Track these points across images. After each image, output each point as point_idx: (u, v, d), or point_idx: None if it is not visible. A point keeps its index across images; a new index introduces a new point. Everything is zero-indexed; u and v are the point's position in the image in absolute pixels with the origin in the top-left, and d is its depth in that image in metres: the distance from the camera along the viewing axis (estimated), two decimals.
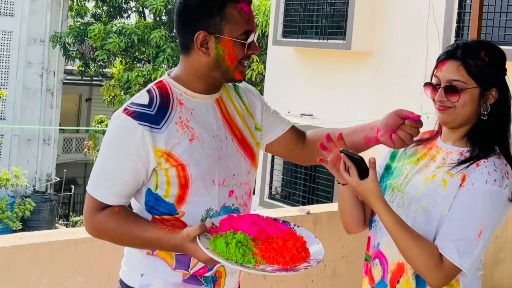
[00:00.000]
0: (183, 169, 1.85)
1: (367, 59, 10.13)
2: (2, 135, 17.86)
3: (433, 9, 8.98)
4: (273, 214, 2.10)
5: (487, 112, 1.89)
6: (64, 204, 19.57)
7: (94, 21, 19.43)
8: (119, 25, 18.33)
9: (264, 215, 1.94)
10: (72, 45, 18.87)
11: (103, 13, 20.35)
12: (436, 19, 8.95)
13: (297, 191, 11.30)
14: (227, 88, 2.04)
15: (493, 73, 1.89)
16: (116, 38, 17.10)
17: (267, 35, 11.47)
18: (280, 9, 11.30)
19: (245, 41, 1.88)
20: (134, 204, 1.96)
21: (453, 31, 8.89)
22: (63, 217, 18.63)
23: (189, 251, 1.79)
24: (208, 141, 1.90)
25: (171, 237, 1.81)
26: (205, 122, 1.92)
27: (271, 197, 11.76)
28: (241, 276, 2.06)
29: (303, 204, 10.57)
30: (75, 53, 19.59)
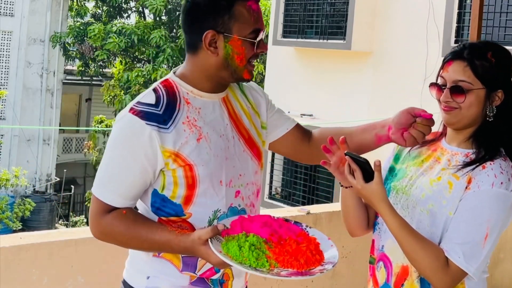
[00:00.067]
0: (190, 169, 1.81)
1: (367, 59, 10.12)
2: (2, 135, 17.86)
3: (433, 9, 8.98)
4: (278, 214, 2.08)
5: (493, 114, 1.87)
6: (64, 204, 19.57)
7: (94, 21, 19.43)
8: (119, 25, 18.32)
9: (275, 216, 1.89)
10: (72, 45, 18.87)
11: (103, 13, 20.35)
12: (436, 19, 8.95)
13: (297, 191, 11.30)
14: (232, 86, 2.00)
15: (499, 74, 1.87)
16: (116, 38, 17.09)
17: (267, 35, 11.47)
18: (280, 9, 11.30)
19: (254, 39, 1.84)
20: (139, 205, 1.92)
21: (453, 31, 8.89)
22: (63, 217, 18.62)
23: (200, 254, 1.75)
24: (215, 140, 1.87)
25: (181, 240, 1.77)
26: (212, 121, 1.88)
27: (271, 197, 11.76)
28: (247, 277, 2.03)
29: (303, 204, 10.57)
30: (75, 53, 19.59)
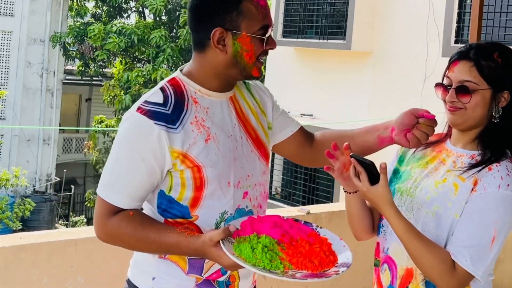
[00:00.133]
0: (198, 170, 1.78)
1: (367, 59, 10.12)
2: (2, 135, 17.85)
3: (433, 9, 8.98)
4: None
5: (499, 115, 1.85)
6: (64, 204, 19.57)
7: (94, 21, 19.43)
8: (119, 25, 18.32)
9: (285, 216, 1.86)
10: (72, 45, 18.87)
11: (103, 13, 20.35)
12: (436, 19, 8.95)
13: (297, 191, 11.30)
14: (238, 85, 1.96)
15: (506, 75, 1.84)
16: (116, 38, 17.09)
17: None
18: (280, 9, 11.30)
19: (263, 36, 1.81)
20: (145, 206, 1.88)
21: (453, 31, 8.88)
22: (63, 217, 18.62)
23: (211, 256, 1.72)
24: (223, 141, 1.83)
25: (191, 241, 1.73)
26: (220, 121, 1.85)
27: (271, 197, 11.76)
28: (255, 278, 1.98)
29: (303, 204, 10.57)
30: (75, 53, 19.59)
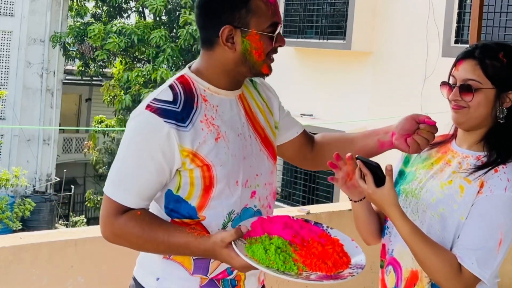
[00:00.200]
0: (208, 169, 1.75)
1: (367, 59, 10.12)
2: (2, 135, 17.85)
3: (433, 9, 8.97)
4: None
5: (504, 116, 1.83)
6: (64, 204, 19.58)
7: (94, 21, 19.42)
8: (119, 25, 18.30)
9: (294, 216, 1.84)
10: (72, 45, 18.86)
11: (103, 13, 20.34)
12: (436, 19, 8.94)
13: (297, 191, 11.29)
14: (246, 83, 1.94)
15: (511, 75, 1.82)
16: (116, 38, 17.08)
17: None
18: (280, 9, 11.29)
19: (273, 33, 1.79)
20: (152, 206, 1.85)
21: (453, 31, 8.88)
22: (63, 217, 18.62)
23: (221, 257, 1.69)
24: (233, 140, 1.81)
25: (200, 242, 1.70)
26: (230, 119, 1.83)
27: None
28: (262, 277, 1.95)
29: (303, 204, 10.56)
30: (75, 53, 19.58)
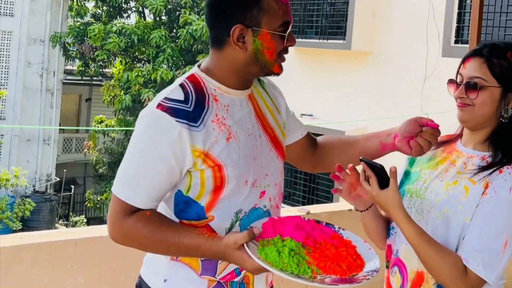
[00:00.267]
0: (219, 169, 1.73)
1: (367, 59, 10.12)
2: (2, 135, 17.85)
3: (433, 9, 8.97)
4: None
5: (508, 115, 1.82)
6: (64, 204, 19.57)
7: (94, 21, 19.41)
8: (119, 25, 18.30)
9: (305, 217, 1.83)
10: (72, 45, 18.86)
11: (103, 13, 20.33)
12: (436, 19, 8.94)
13: (297, 191, 11.29)
14: (254, 83, 1.92)
15: None
16: (116, 38, 17.07)
17: None
18: None
19: (284, 33, 1.77)
20: (160, 206, 1.81)
21: (453, 31, 8.88)
22: (63, 217, 18.61)
23: (233, 259, 1.67)
24: (244, 140, 1.79)
25: (212, 244, 1.68)
26: (240, 119, 1.81)
27: None
28: (270, 277, 1.93)
29: (303, 204, 10.56)
30: (75, 53, 19.58)
